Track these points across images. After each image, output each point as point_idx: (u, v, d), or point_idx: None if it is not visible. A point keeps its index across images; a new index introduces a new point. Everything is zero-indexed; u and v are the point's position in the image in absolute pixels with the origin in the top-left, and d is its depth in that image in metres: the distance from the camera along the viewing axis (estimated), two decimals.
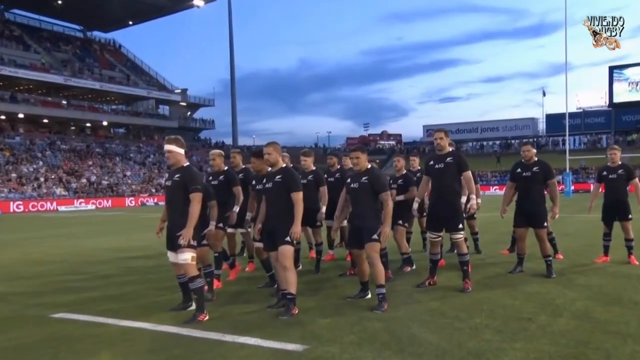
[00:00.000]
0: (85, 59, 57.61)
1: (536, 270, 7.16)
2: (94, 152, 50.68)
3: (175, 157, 5.08)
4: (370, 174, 5.42)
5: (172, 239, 5.03)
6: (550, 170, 6.90)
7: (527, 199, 6.81)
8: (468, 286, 5.97)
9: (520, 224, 6.94)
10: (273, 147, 5.30)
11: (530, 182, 6.79)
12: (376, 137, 76.70)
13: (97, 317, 5.19)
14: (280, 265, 5.18)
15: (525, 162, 6.92)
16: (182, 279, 5.28)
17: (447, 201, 6.04)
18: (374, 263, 5.25)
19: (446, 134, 6.22)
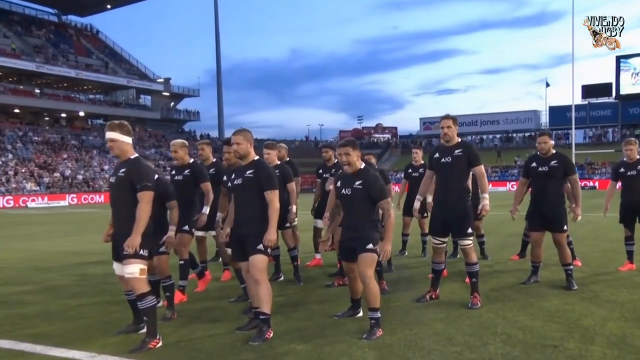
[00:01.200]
0: (59, 45, 56.38)
1: (553, 280, 6.51)
2: (69, 144, 49.59)
3: (119, 147, 4.32)
4: (364, 177, 4.61)
5: (118, 248, 4.30)
6: (570, 164, 6.22)
7: (543, 198, 6.12)
8: (477, 301, 5.29)
9: (535, 227, 6.26)
10: (243, 135, 4.55)
11: (548, 179, 6.10)
12: (370, 130, 76.01)
13: (22, 342, 4.42)
14: (251, 278, 4.46)
15: (541, 155, 6.22)
16: (130, 295, 4.53)
17: (455, 201, 5.37)
18: (367, 282, 4.48)
19: (455, 121, 5.51)
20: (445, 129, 5.45)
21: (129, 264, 4.17)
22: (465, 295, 5.74)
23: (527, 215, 7.72)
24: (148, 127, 62.68)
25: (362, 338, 4.33)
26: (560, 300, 5.51)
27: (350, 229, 4.70)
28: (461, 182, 5.41)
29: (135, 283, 4.18)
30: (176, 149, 6.04)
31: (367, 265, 4.50)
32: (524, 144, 59.74)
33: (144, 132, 60.59)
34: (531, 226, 6.32)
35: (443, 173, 5.49)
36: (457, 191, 5.38)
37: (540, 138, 6.22)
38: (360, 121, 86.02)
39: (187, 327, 4.87)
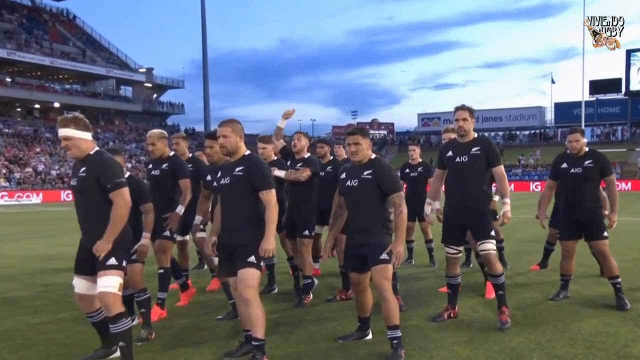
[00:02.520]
0: (33, 31, 55.54)
1: (585, 295, 6.08)
2: (43, 137, 48.86)
3: (77, 145, 3.77)
4: (375, 166, 4.22)
5: (84, 261, 3.81)
6: (608, 163, 5.74)
7: (578, 203, 5.64)
8: (506, 318, 4.81)
9: (568, 236, 5.78)
10: (231, 126, 4.02)
11: (583, 181, 5.62)
12: (365, 126, 75.58)
13: None
14: (239, 296, 3.94)
15: (572, 154, 5.75)
16: (94, 317, 3.99)
17: (473, 208, 4.92)
18: (386, 297, 4.04)
19: (472, 113, 5.03)
20: (460, 121, 4.95)
21: (107, 276, 3.66)
22: (487, 313, 5.32)
23: (552, 223, 7.30)
24: (129, 120, 62.02)
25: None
26: (599, 320, 5.04)
27: (358, 232, 4.23)
28: (480, 185, 4.95)
29: (111, 300, 3.63)
30: (153, 141, 5.50)
31: (384, 277, 4.06)
32: (529, 142, 59.63)
33: (124, 125, 59.93)
34: (563, 234, 5.85)
35: (458, 174, 5.02)
36: (475, 196, 4.93)
37: (571, 136, 5.72)
38: (355, 116, 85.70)
39: (167, 350, 4.36)
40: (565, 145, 5.85)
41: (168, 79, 66.20)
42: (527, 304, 5.73)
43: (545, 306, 5.63)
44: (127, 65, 62.69)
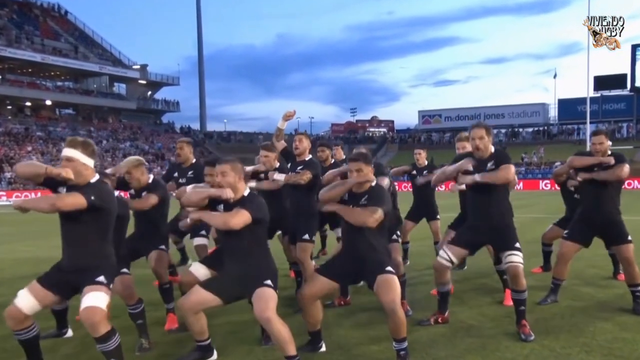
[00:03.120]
0: (23, 26, 55.36)
1: (598, 298, 5.99)
2: (35, 136, 48.66)
3: (77, 169, 3.65)
4: (370, 192, 4.18)
5: (62, 283, 3.71)
6: (627, 161, 5.61)
7: (599, 206, 5.51)
8: (529, 331, 4.64)
9: (575, 238, 5.62)
10: (231, 165, 3.95)
11: (605, 185, 5.48)
12: (365, 123, 75.66)
13: None
14: (259, 317, 3.79)
15: None
16: (23, 335, 3.74)
17: (496, 226, 4.80)
18: (396, 310, 3.87)
19: (488, 131, 4.79)
20: (477, 140, 4.72)
21: (96, 291, 3.56)
22: (498, 318, 5.24)
23: (560, 221, 7.18)
24: (123, 118, 61.83)
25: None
26: (615, 325, 4.95)
27: (356, 252, 4.17)
28: (501, 201, 4.81)
29: (98, 318, 3.49)
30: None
31: (392, 290, 3.92)
32: (532, 139, 59.59)
33: (118, 123, 59.77)
34: (570, 235, 5.68)
35: (475, 194, 4.86)
36: (497, 214, 4.78)
37: (595, 138, 5.53)
38: (354, 114, 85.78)
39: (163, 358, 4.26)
40: (590, 148, 5.69)
41: (163, 75, 66.14)
42: (537, 308, 5.63)
43: (556, 310, 5.54)
44: (120, 62, 62.52)
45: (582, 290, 6.37)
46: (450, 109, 68.27)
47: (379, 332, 4.72)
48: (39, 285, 3.70)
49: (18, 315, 3.65)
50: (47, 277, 3.75)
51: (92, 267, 3.66)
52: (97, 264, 3.69)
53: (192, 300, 3.92)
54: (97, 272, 3.64)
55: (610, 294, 6.10)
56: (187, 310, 3.94)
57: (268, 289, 3.83)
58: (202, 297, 3.93)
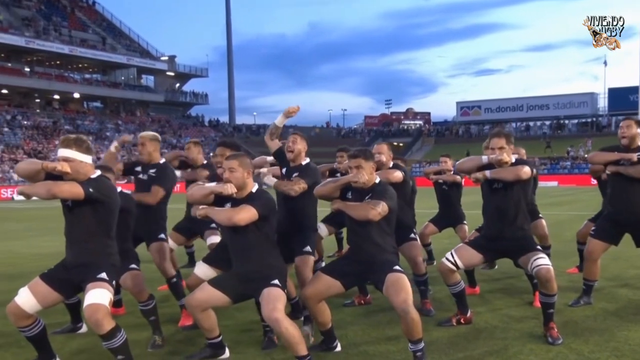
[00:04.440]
0: (51, 17, 56.59)
1: (635, 300, 5.86)
2: (63, 129, 49.78)
3: (76, 168, 3.74)
4: (374, 190, 4.18)
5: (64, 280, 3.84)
6: None
7: (627, 202, 5.38)
8: (557, 334, 4.56)
9: (602, 236, 5.50)
10: (239, 160, 4.02)
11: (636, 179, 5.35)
12: (400, 116, 75.28)
13: None
14: (267, 318, 3.84)
15: (624, 147, 5.50)
16: (28, 332, 3.88)
17: (514, 236, 4.75)
18: (409, 311, 3.82)
19: (508, 139, 4.74)
20: (497, 150, 4.69)
21: (98, 288, 3.65)
22: (524, 320, 5.18)
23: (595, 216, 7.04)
24: (151, 111, 62.83)
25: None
26: None
27: (363, 253, 4.17)
28: (519, 211, 4.73)
29: (101, 315, 3.57)
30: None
31: (403, 290, 3.89)
32: (579, 132, 58.34)
33: (146, 116, 60.80)
34: (597, 232, 5.57)
35: (495, 202, 4.80)
36: (516, 225, 4.73)
37: (624, 122, 5.45)
38: (389, 106, 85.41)
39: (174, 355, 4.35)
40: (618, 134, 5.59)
41: (191, 67, 66.87)
42: (568, 310, 5.54)
43: (589, 313, 5.43)
44: (148, 53, 63.45)
45: (619, 293, 6.24)
46: (490, 99, 67.34)
47: (397, 332, 4.70)
48: (41, 281, 3.82)
49: (18, 313, 3.76)
50: (50, 274, 3.87)
51: (94, 263, 3.77)
52: (99, 260, 3.79)
53: (200, 297, 3.99)
54: (99, 268, 3.74)
55: None
56: (194, 308, 4.01)
57: (275, 288, 3.87)
58: (210, 295, 3.99)
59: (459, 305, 5.10)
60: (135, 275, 4.68)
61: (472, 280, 6.38)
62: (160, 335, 4.67)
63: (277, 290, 3.88)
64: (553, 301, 4.64)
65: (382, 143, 5.67)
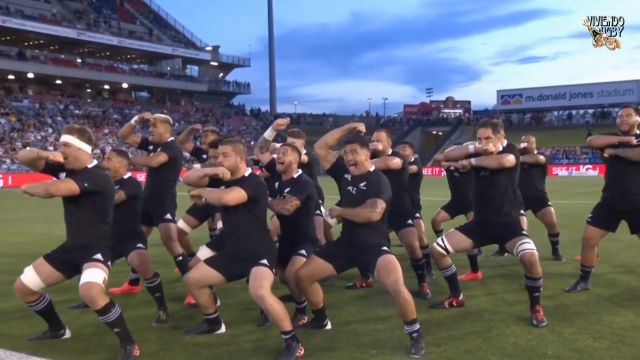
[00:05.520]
0: (102, 10, 58.00)
1: (634, 287, 5.84)
2: (111, 118, 51.15)
3: (74, 154, 4.01)
4: (370, 178, 4.32)
5: (62, 260, 4.13)
6: None
7: (623, 188, 5.37)
8: (542, 317, 4.64)
9: (597, 223, 5.54)
10: (232, 145, 4.18)
11: (631, 163, 5.34)
12: (439, 104, 74.33)
13: None
14: (253, 294, 4.02)
15: (622, 134, 5.48)
16: (36, 306, 4.20)
17: (502, 222, 4.84)
18: (401, 291, 3.95)
19: (495, 129, 4.78)
20: (483, 140, 4.76)
21: (93, 268, 3.92)
22: (516, 302, 5.27)
23: None
24: (195, 101, 63.81)
25: (411, 354, 3.94)
26: (638, 315, 4.85)
27: (354, 236, 4.31)
28: (505, 197, 4.79)
29: (94, 292, 3.84)
30: (156, 123, 5.81)
31: (393, 271, 4.03)
32: None
33: (190, 105, 61.78)
34: (593, 219, 5.59)
35: (481, 189, 4.90)
36: (503, 211, 4.79)
37: (623, 111, 5.42)
38: (430, 94, 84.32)
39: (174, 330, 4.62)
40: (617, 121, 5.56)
41: (234, 57, 67.53)
42: (564, 295, 5.58)
43: (583, 298, 5.45)
44: (193, 44, 64.36)
45: (620, 279, 6.24)
46: (532, 88, 65.86)
47: (388, 313, 4.86)
48: (45, 261, 4.13)
49: (24, 289, 4.08)
50: (52, 255, 4.18)
51: (91, 246, 4.03)
52: (95, 243, 4.05)
53: (196, 275, 4.24)
54: (95, 250, 4.01)
55: None
56: (191, 285, 4.26)
57: (263, 267, 4.06)
58: (205, 273, 4.23)
59: (451, 288, 5.20)
60: (141, 254, 4.96)
61: (475, 266, 6.47)
62: (165, 311, 4.94)
63: (265, 269, 4.06)
64: (538, 285, 4.70)
65: (381, 131, 5.77)
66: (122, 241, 4.92)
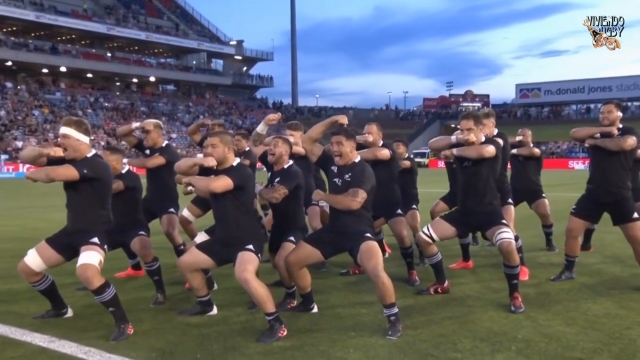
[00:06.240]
0: (130, 5, 58.67)
1: (621, 277, 5.88)
2: (139, 110, 51.81)
3: (73, 145, 4.17)
4: (354, 169, 4.40)
5: (63, 243, 4.31)
6: (631, 133, 5.30)
7: (605, 181, 5.37)
8: (520, 303, 4.72)
9: (579, 213, 5.56)
10: (220, 137, 4.32)
11: (609, 156, 5.33)
12: (459, 98, 73.60)
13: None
14: (238, 278, 4.16)
15: None
16: (38, 285, 4.39)
17: (483, 211, 4.90)
18: (380, 275, 4.07)
19: (477, 120, 4.83)
20: (465, 132, 4.81)
21: (89, 251, 4.09)
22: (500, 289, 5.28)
23: None
24: (219, 94, 64.24)
25: (388, 336, 4.04)
26: (616, 303, 4.88)
27: (338, 224, 4.43)
28: (488, 188, 4.84)
29: (90, 273, 4.01)
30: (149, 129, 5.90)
31: (373, 256, 4.15)
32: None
33: (214, 98, 62.22)
34: (576, 210, 5.60)
35: (464, 178, 4.95)
36: (485, 201, 4.85)
37: (605, 107, 5.42)
38: (450, 88, 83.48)
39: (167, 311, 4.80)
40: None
41: (257, 51, 67.85)
42: (548, 284, 5.62)
43: (567, 286, 5.49)
44: (217, 38, 64.76)
45: (607, 269, 6.25)
46: (550, 82, 64.94)
47: (374, 299, 4.87)
48: (46, 244, 4.31)
49: (27, 270, 4.27)
50: (54, 238, 4.36)
51: (88, 230, 4.20)
52: (93, 227, 4.22)
53: (188, 259, 4.40)
54: (92, 234, 4.19)
55: (637, 274, 5.91)
56: (184, 269, 4.42)
57: (249, 252, 4.19)
58: (197, 258, 4.38)
59: (436, 275, 5.29)
60: (142, 240, 5.13)
61: (466, 255, 6.54)
62: (163, 294, 5.12)
63: (250, 254, 4.19)
64: (515, 272, 4.76)
65: (372, 124, 5.85)
66: (125, 231, 5.12)
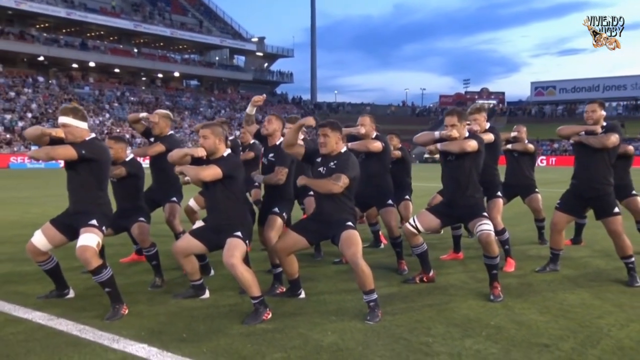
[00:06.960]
0: (156, 3, 59.13)
1: (605, 270, 5.89)
2: (163, 105, 52.25)
3: (73, 132, 4.31)
4: (339, 158, 4.49)
5: (65, 224, 4.45)
6: (613, 129, 5.33)
7: (587, 176, 5.37)
8: (498, 292, 4.77)
9: (564, 208, 5.57)
10: (211, 129, 4.43)
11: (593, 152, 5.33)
12: (474, 95, 72.97)
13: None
14: (225, 262, 4.28)
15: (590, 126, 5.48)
16: (44, 265, 4.58)
17: (467, 204, 4.97)
18: (358, 263, 4.17)
19: (460, 117, 4.88)
20: (449, 127, 4.87)
21: (88, 233, 4.23)
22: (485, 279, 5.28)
23: None
24: (240, 89, 64.54)
25: (366, 321, 4.14)
26: (593, 294, 4.91)
27: (322, 214, 4.52)
28: (471, 181, 4.91)
29: (89, 254, 4.16)
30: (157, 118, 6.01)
31: (353, 244, 4.25)
32: None
33: (236, 94, 62.52)
34: (560, 205, 5.61)
35: (449, 172, 5.02)
36: (468, 193, 4.91)
37: (589, 106, 5.45)
38: (467, 85, 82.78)
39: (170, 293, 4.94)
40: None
41: (278, 48, 67.92)
42: (532, 275, 5.65)
43: (549, 278, 5.51)
44: (239, 35, 65.01)
45: (593, 262, 6.26)
46: (566, 80, 64.05)
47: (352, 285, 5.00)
48: (50, 225, 4.47)
49: (34, 250, 4.45)
50: (57, 219, 4.51)
51: (88, 211, 4.36)
52: (92, 209, 4.38)
53: (182, 245, 4.53)
54: (91, 216, 4.33)
55: (620, 267, 5.89)
56: (178, 254, 4.55)
57: (237, 239, 4.30)
58: (190, 243, 4.51)
59: (422, 265, 5.35)
60: (141, 226, 5.28)
61: (457, 247, 6.59)
62: (161, 278, 5.27)
63: (238, 240, 4.30)
64: (495, 263, 4.82)
65: (365, 115, 5.93)
66: (126, 217, 5.28)
